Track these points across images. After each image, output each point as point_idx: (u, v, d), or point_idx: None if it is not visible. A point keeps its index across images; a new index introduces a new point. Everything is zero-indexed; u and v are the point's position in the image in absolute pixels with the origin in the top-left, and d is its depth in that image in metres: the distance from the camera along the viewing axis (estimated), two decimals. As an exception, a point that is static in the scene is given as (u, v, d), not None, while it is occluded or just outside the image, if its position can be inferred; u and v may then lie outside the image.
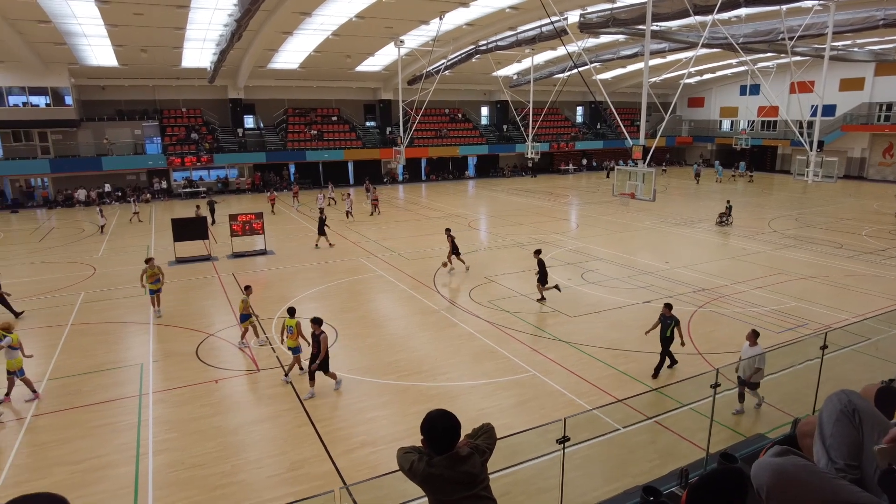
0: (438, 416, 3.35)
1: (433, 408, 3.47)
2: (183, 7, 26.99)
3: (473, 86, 53.59)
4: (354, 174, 50.19)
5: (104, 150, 41.47)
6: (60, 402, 11.13)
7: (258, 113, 48.83)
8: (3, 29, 28.70)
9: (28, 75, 37.13)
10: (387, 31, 34.35)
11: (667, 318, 11.58)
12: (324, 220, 24.43)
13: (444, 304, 16.55)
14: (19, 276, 20.78)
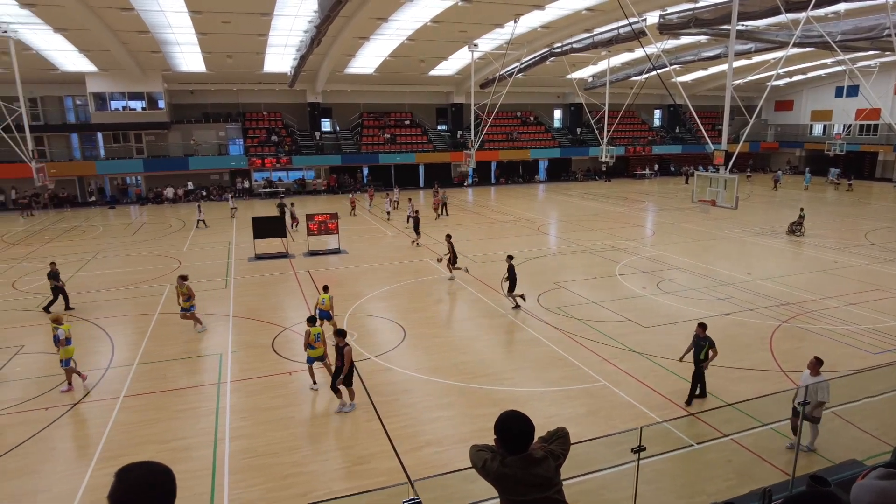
0: (513, 417, 3.33)
1: (498, 411, 3.45)
2: (266, 14, 28.25)
3: (546, 88, 53.00)
4: (424, 177, 50.79)
5: (191, 151, 44.09)
6: (148, 386, 11.88)
7: (335, 116, 50.35)
8: (110, 39, 31.10)
9: (128, 81, 40.07)
10: (461, 36, 34.57)
11: (700, 339, 10.63)
12: (418, 220, 25.61)
13: (510, 308, 16.41)
14: (115, 267, 22.42)
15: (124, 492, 2.08)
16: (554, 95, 55.48)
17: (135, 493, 2.09)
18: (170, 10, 26.96)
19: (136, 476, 2.12)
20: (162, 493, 2.14)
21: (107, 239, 28.66)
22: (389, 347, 13.71)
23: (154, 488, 2.12)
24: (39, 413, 10.76)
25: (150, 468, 2.16)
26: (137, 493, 2.09)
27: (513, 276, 16.19)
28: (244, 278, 20.38)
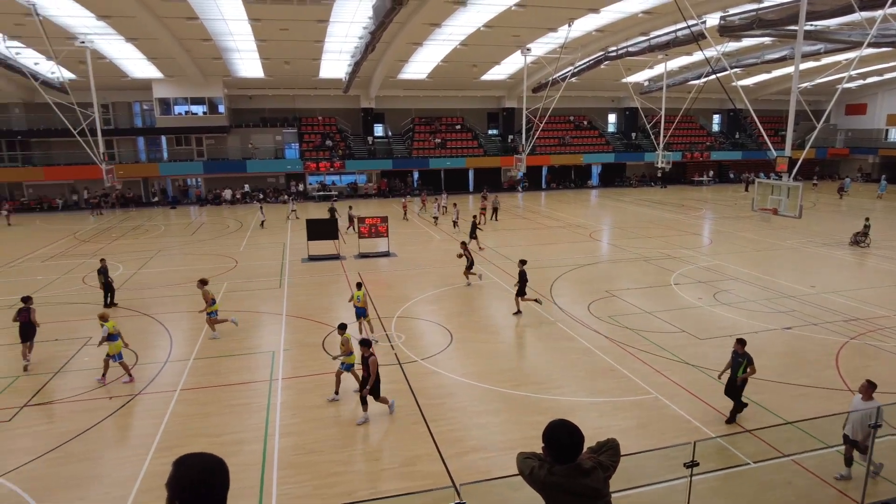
0: (562, 425, 3.26)
1: (546, 420, 3.41)
2: (323, 21, 28.96)
3: (601, 93, 52.18)
4: (474, 181, 50.81)
5: (249, 154, 45.65)
6: (204, 380, 12.30)
7: (387, 122, 51.08)
8: (176, 47, 32.60)
9: (191, 87, 41.88)
10: (514, 40, 34.46)
11: (738, 356, 10.14)
12: (475, 225, 25.56)
13: (560, 316, 16.17)
14: (175, 265, 23.37)
15: (181, 480, 2.19)
16: (608, 99, 54.56)
17: (191, 481, 2.19)
18: (231, 18, 28.04)
19: (192, 466, 2.23)
20: (216, 483, 2.23)
21: (168, 238, 29.95)
22: (436, 351, 13.72)
23: (209, 478, 2.22)
24: (103, 402, 11.30)
25: (206, 459, 2.26)
26: (193, 481, 2.19)
27: (523, 281, 16.18)
28: (297, 278, 20.86)
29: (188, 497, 2.16)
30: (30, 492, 8.52)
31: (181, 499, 2.16)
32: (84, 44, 30.27)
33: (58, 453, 9.52)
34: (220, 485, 2.23)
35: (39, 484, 8.72)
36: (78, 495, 8.41)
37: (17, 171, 42.12)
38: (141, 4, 25.50)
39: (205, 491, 2.18)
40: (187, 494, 2.15)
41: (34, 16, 25.15)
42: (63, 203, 43.50)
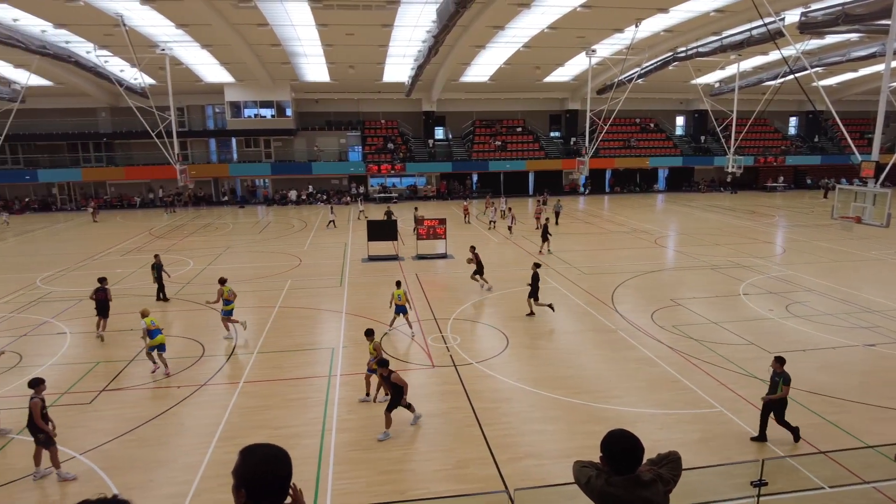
0: (623, 436, 3.16)
1: (604, 430, 3.31)
2: (388, 26, 29.43)
3: (668, 94, 50.56)
4: (534, 184, 50.32)
5: (314, 157, 47.01)
6: (266, 374, 12.70)
7: (448, 124, 51.36)
8: (247, 53, 33.97)
9: (260, 91, 43.54)
10: (578, 41, 33.91)
11: (775, 375, 9.51)
12: (547, 227, 25.38)
13: (622, 324, 15.73)
14: (242, 262, 24.29)
15: (248, 468, 2.29)
16: (676, 101, 52.81)
17: (257, 470, 2.29)
18: (299, 23, 28.94)
19: (258, 455, 2.33)
20: (280, 473, 2.33)
21: (236, 236, 31.19)
22: (491, 354, 13.63)
23: (273, 468, 2.31)
24: (172, 390, 11.87)
25: (271, 450, 2.36)
26: (259, 470, 2.29)
27: (535, 284, 16.20)
28: (357, 278, 21.25)
29: (253, 485, 2.25)
30: (105, 470, 9.04)
31: (247, 486, 2.25)
32: (164, 51, 32.06)
33: (131, 436, 10.06)
34: (283, 474, 2.32)
35: (114, 463, 9.24)
36: (147, 477, 8.84)
37: (102, 171, 45.04)
38: (216, 12, 26.70)
39: (269, 480, 2.27)
40: (253, 482, 2.25)
41: (122, 26, 26.82)
42: (140, 201, 46.16)
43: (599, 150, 45.53)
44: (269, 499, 2.28)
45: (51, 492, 8.59)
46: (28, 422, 8.74)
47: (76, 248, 28.29)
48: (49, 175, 44.06)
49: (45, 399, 8.99)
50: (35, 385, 8.96)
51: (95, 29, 28.35)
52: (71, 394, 11.78)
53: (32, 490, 8.61)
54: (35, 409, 8.67)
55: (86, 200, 44.87)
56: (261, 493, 2.26)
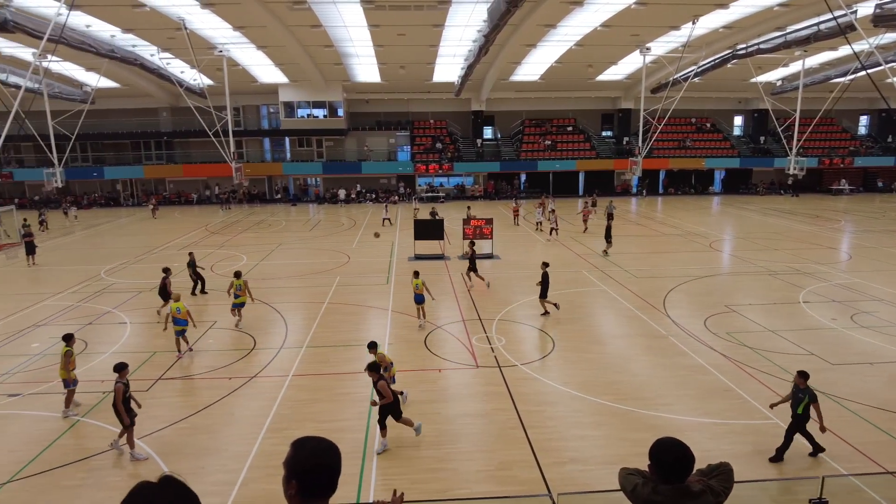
0: (672, 444, 3.04)
1: (652, 438, 3.21)
2: (438, 26, 29.54)
3: (726, 93, 48.84)
4: (584, 185, 49.54)
5: (364, 156, 47.69)
6: (314, 368, 12.95)
7: (497, 124, 51.17)
8: (301, 54, 34.77)
9: (313, 91, 44.50)
10: (632, 39, 33.17)
11: (799, 391, 8.99)
12: (609, 228, 24.95)
13: (673, 330, 15.27)
14: (293, 258, 24.85)
15: (298, 460, 2.34)
16: (735, 100, 50.96)
17: (307, 463, 2.33)
18: (352, 24, 29.41)
19: (308, 448, 2.38)
20: (330, 466, 2.37)
21: (288, 233, 31.97)
22: (537, 357, 13.47)
23: (323, 461, 2.36)
24: (224, 381, 12.24)
25: (322, 443, 2.41)
26: (309, 463, 2.34)
27: (545, 283, 16.19)
28: (404, 276, 21.41)
29: (303, 477, 2.29)
30: (160, 455, 9.42)
31: (297, 478, 2.29)
32: (221, 52, 33.19)
33: (184, 424, 10.44)
34: (333, 468, 2.36)
35: (168, 449, 9.61)
36: (199, 464, 9.15)
37: (162, 168, 47.04)
38: (271, 14, 27.45)
39: (319, 472, 2.32)
40: (303, 474, 2.29)
41: (183, 29, 27.93)
42: (197, 197, 47.92)
43: (653, 151, 44.42)
44: (319, 491, 2.32)
45: (110, 472, 9.00)
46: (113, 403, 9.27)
47: (137, 242, 29.63)
48: (114, 172, 46.39)
49: (128, 383, 9.48)
50: (119, 369, 9.43)
51: (159, 33, 29.62)
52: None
53: (96, 470, 9.04)
54: (118, 393, 9.15)
55: (147, 196, 46.97)
56: (310, 484, 2.30)
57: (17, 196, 45.84)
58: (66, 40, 24.21)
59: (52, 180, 32.11)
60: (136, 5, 25.28)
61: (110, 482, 8.75)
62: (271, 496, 7.93)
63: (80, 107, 35.87)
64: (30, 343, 14.77)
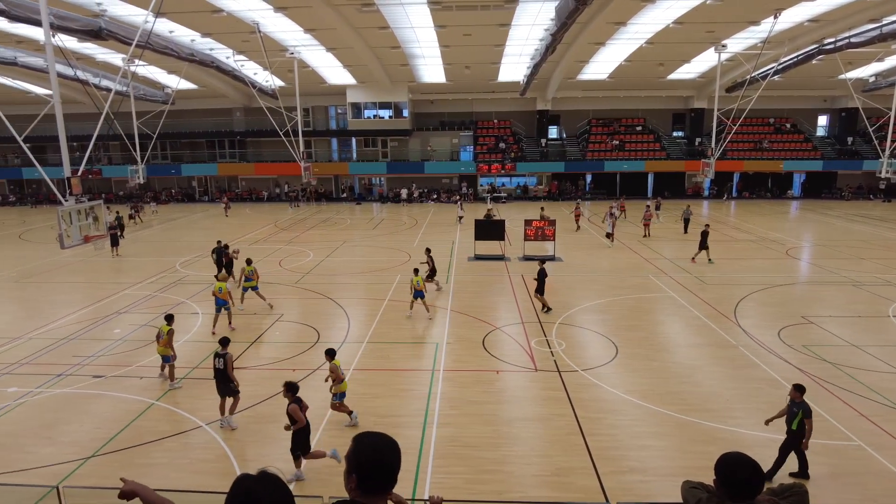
0: (741, 460, 2.88)
1: (718, 451, 3.06)
2: (505, 25, 29.37)
3: (809, 91, 46.03)
4: (653, 186, 48.00)
5: (427, 156, 48.07)
6: (374, 363, 13.16)
7: (562, 123, 50.40)
8: (368, 55, 35.45)
9: (379, 93, 45.27)
10: (707, 36, 31.83)
11: (794, 405, 8.52)
12: (706, 234, 23.01)
13: (744, 340, 14.54)
14: (357, 255, 25.36)
15: (359, 455, 2.37)
16: (819, 99, 47.98)
17: (367, 458, 2.36)
18: (418, 25, 29.70)
19: (368, 443, 2.41)
20: (390, 462, 2.39)
21: (352, 231, 32.67)
22: (599, 363, 13.14)
23: (383, 457, 2.38)
24: (288, 372, 12.61)
25: (381, 439, 2.44)
26: (369, 458, 2.36)
27: (542, 281, 16.49)
28: (463, 276, 21.44)
29: (363, 472, 2.32)
30: (226, 441, 9.82)
31: (357, 472, 2.33)
32: (293, 54, 34.31)
33: (249, 412, 10.84)
34: (392, 464, 2.38)
35: (233, 436, 10.00)
36: (264, 451, 9.48)
37: (235, 167, 49.15)
38: (341, 17, 28.11)
39: (377, 467, 2.34)
40: (363, 469, 2.33)
41: (257, 32, 29.07)
42: (268, 195, 49.75)
43: (727, 152, 42.50)
44: (377, 486, 2.35)
45: (180, 454, 9.46)
46: (219, 376, 10.26)
47: (210, 236, 30.98)
48: (190, 169, 48.92)
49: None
50: (226, 343, 10.61)
51: (234, 36, 30.95)
52: (200, 369, 12.91)
53: (168, 451, 9.54)
54: (230, 362, 10.31)
55: (220, 193, 49.21)
56: (369, 479, 2.32)
57: (105, 191, 49.11)
58: (152, 45, 25.73)
59: (135, 177, 34.29)
60: (214, 11, 26.51)
61: (181, 464, 9.20)
62: (330, 486, 8.11)
63: (161, 107, 38.03)
64: (112, 329, 15.77)
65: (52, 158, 42.97)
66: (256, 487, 2.02)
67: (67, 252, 23.21)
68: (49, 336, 15.26)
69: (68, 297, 19.42)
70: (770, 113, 47.88)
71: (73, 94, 36.29)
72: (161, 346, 12.00)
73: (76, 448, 9.68)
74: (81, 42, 29.02)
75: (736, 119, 34.28)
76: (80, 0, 24.52)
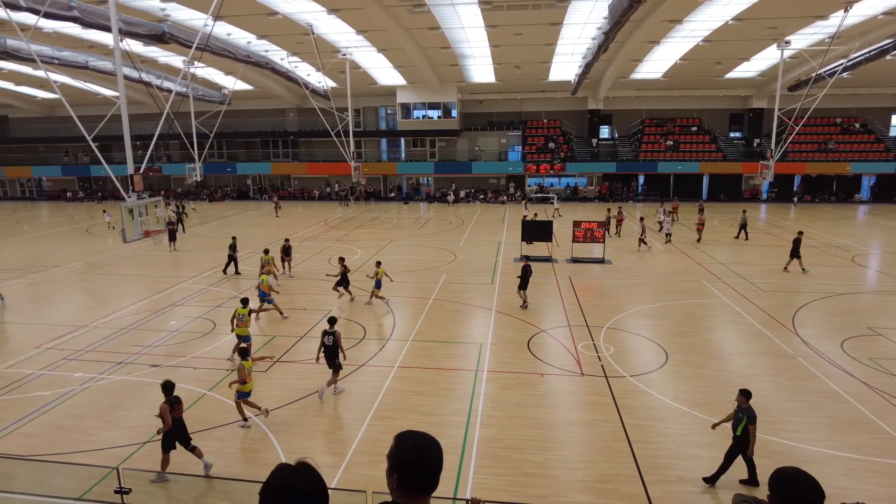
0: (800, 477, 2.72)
1: (771, 465, 2.89)
2: (556, 24, 29.02)
3: (882, 89, 43.55)
4: (708, 189, 46.47)
5: (475, 156, 48.00)
6: (418, 361, 13.23)
7: (614, 123, 49.42)
8: (418, 56, 35.68)
9: (428, 93, 45.51)
10: (769, 33, 30.56)
11: (739, 410, 8.51)
12: (799, 240, 21.40)
13: (803, 350, 13.88)
14: (403, 254, 25.56)
15: (400, 454, 2.37)
16: (892, 97, 45.33)
17: (408, 458, 2.36)
18: (469, 26, 29.69)
19: (409, 443, 2.41)
20: (431, 462, 2.37)
21: (399, 230, 32.96)
22: (647, 370, 12.80)
23: (424, 458, 2.37)
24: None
25: (422, 439, 2.42)
26: (410, 458, 2.36)
27: (525, 276, 17.12)
28: (509, 277, 21.29)
29: (403, 471, 2.32)
30: (274, 433, 10.07)
31: (398, 471, 2.32)
32: (345, 56, 34.89)
33: (297, 405, 11.08)
34: (433, 464, 2.36)
35: (280, 427, 10.24)
36: (306, 444, 9.67)
37: (288, 166, 50.38)
38: (392, 18, 28.41)
39: (418, 467, 2.33)
40: (403, 468, 2.32)
41: (311, 34, 29.72)
42: (319, 194, 50.78)
43: (787, 154, 40.73)
44: (418, 486, 2.33)
45: (228, 444, 9.76)
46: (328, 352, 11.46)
47: (263, 233, 31.96)
48: (245, 168, 50.45)
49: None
50: (333, 322, 11.76)
51: (289, 38, 31.73)
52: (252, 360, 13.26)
53: (218, 440, 9.85)
54: (339, 338, 11.48)
55: (273, 191, 50.58)
56: (410, 479, 2.31)
57: (164, 188, 51.23)
58: (211, 48, 26.68)
59: (193, 174, 35.66)
60: (269, 13, 27.25)
61: (230, 453, 9.49)
62: (372, 482, 8.19)
63: (218, 108, 39.39)
64: (168, 321, 16.42)
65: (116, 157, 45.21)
66: (292, 477, 2.07)
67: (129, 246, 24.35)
68: (111, 325, 16.03)
69: (129, 288, 20.36)
70: (837, 112, 45.58)
71: (137, 95, 38.06)
72: (240, 328, 12.93)
73: (134, 433, 10.13)
74: (146, 46, 30.38)
75: (799, 119, 32.81)
76: (146, 6, 25.65)
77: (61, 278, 21.94)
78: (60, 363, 13.39)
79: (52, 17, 19.36)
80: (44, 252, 27.23)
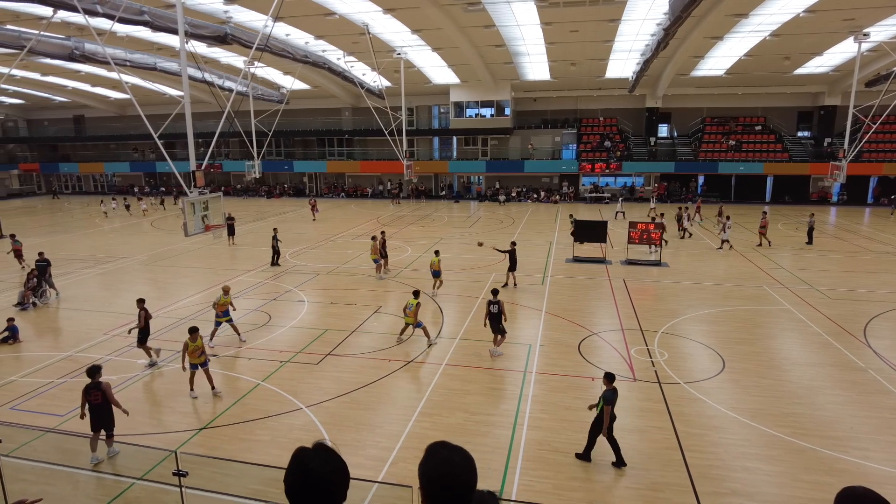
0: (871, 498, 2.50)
1: (837, 483, 2.75)
2: (614, 20, 28.37)
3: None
4: (773, 190, 44.40)
5: (527, 155, 47.55)
6: (466, 360, 13.21)
7: (673, 122, 47.94)
8: (472, 54, 35.61)
9: (481, 91, 45.36)
10: (845, 25, 28.88)
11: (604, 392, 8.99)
12: None
13: (875, 363, 13.07)
14: (453, 253, 25.58)
15: (426, 468, 2.24)
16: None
17: (433, 471, 2.22)
18: (524, 23, 29.42)
19: (437, 457, 2.25)
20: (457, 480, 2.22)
21: (449, 228, 33.02)
22: (703, 377, 12.34)
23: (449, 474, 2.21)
24: (384, 363, 12.99)
25: (453, 455, 2.26)
26: (434, 472, 2.22)
27: (513, 260, 19.27)
28: (559, 278, 20.99)
29: (430, 485, 2.21)
30: (323, 424, 10.27)
31: (424, 487, 2.22)
32: (399, 55, 35.20)
33: (346, 398, 11.26)
34: (461, 482, 2.22)
35: (330, 419, 10.44)
36: (355, 437, 9.81)
37: (342, 164, 51.31)
38: (447, 16, 28.46)
39: (445, 483, 2.20)
40: (432, 484, 2.21)
41: (367, 34, 30.14)
42: (371, 192, 51.50)
43: (861, 154, 38.44)
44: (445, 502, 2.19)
45: (279, 433, 10.00)
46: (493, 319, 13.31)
47: (317, 229, 32.67)
48: (302, 166, 51.69)
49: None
50: (496, 292, 13.69)
51: (345, 38, 32.28)
52: (303, 353, 13.60)
53: (271, 429, 10.13)
54: (503, 307, 13.34)
55: (328, 188, 51.60)
56: (435, 495, 2.19)
57: (224, 185, 53.14)
58: (270, 48, 27.47)
59: (252, 171, 36.83)
60: (327, 14, 27.80)
61: (281, 442, 9.73)
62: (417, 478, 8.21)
63: (276, 107, 40.52)
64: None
65: (180, 153, 47.18)
66: (311, 459, 2.09)
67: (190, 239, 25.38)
68: (173, 315, 16.75)
69: (190, 280, 21.22)
70: (918, 110, 42.70)
71: (200, 94, 39.61)
72: (410, 317, 13.95)
73: (191, 419, 10.55)
74: (209, 47, 31.57)
75: (877, 116, 30.89)
76: (210, 8, 26.63)
77: (128, 269, 23.10)
78: (126, 349, 14.10)
79: (125, 21, 20.39)
80: (113, 244, 28.75)
